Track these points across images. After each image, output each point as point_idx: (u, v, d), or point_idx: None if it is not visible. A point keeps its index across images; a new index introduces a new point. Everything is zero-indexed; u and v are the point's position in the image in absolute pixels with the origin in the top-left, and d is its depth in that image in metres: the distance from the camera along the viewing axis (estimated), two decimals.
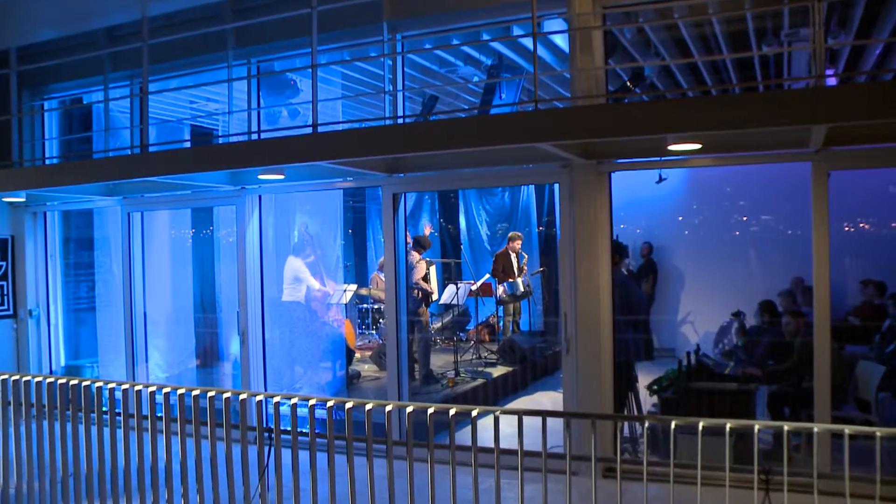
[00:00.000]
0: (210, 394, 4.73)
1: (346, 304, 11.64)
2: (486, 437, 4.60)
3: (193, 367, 10.04)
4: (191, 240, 10.22)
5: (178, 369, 9.64)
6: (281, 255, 9.90)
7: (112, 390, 4.97)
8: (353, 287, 10.59)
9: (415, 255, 9.12)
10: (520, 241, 11.87)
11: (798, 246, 10.48)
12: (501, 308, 12.04)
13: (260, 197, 7.75)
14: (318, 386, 8.17)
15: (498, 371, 9.85)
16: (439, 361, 10.25)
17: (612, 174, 6.15)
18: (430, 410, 4.42)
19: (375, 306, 12.21)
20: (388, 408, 4.52)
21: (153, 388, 4.85)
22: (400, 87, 6.74)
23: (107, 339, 9.26)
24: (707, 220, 10.68)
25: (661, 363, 8.29)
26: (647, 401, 7.06)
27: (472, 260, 13.34)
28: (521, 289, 11.15)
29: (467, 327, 12.73)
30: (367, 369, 10.27)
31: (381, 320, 12.18)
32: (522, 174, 6.63)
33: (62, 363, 9.60)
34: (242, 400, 4.75)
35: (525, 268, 11.84)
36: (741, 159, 5.89)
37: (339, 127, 6.58)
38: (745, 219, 10.21)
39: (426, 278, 9.24)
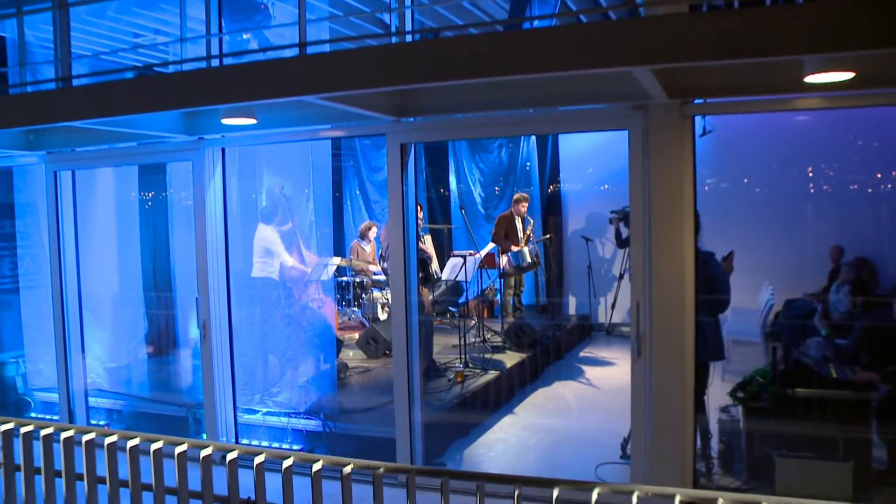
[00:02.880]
0: (155, 446, 3.13)
1: (331, 282, 10.05)
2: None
3: (145, 356, 8.38)
4: (139, 205, 8.49)
5: (126, 359, 7.98)
6: (249, 222, 8.34)
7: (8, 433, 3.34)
8: (337, 260, 8.96)
9: None
10: (525, 204, 10.34)
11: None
12: (499, 280, 10.51)
13: (223, 150, 6.07)
14: (301, 388, 6.59)
15: (509, 358, 8.35)
16: (435, 347, 8.73)
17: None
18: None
19: (357, 279, 10.60)
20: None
21: (69, 433, 3.24)
22: None
23: (34, 326, 7.55)
24: (760, 178, 9.26)
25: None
26: (713, 411, 5.61)
27: (464, 226, 11.76)
28: (528, 259, 9.62)
29: (459, 301, 11.20)
30: (353, 357, 8.70)
31: (363, 296, 10.58)
32: (575, 119, 5.03)
33: None
34: (206, 457, 3.17)
35: (531, 234, 10.32)
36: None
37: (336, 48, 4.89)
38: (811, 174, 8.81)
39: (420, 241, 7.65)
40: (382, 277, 10.61)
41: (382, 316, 10.26)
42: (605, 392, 7.98)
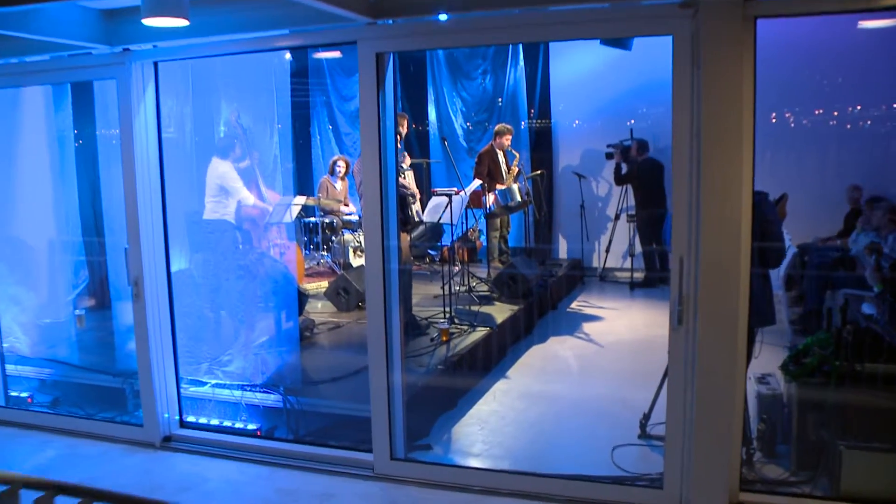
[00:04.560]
0: None
1: (295, 225, 8.95)
2: None
3: (81, 311, 7.29)
4: (58, 133, 7.28)
5: (51, 318, 6.89)
6: (204, 156, 7.26)
7: None
8: (302, 199, 7.84)
9: None
10: (509, 137, 9.25)
11: None
12: (484, 220, 9.48)
13: (155, 65, 4.90)
14: (256, 355, 5.54)
15: (498, 311, 7.37)
16: (414, 297, 7.73)
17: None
18: None
19: (326, 220, 9.52)
20: None
21: None
22: None
23: None
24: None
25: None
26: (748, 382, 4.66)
27: (446, 160, 10.66)
28: (518, 197, 8.57)
29: (440, 244, 10.17)
30: (322, 309, 7.67)
31: (333, 239, 9.51)
32: (600, 20, 3.90)
33: None
34: None
35: (519, 169, 9.25)
36: None
37: None
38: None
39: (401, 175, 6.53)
40: (354, 218, 9.54)
41: (355, 262, 9.22)
42: (608, 350, 7.05)
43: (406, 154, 6.23)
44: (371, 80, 4.07)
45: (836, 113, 8.62)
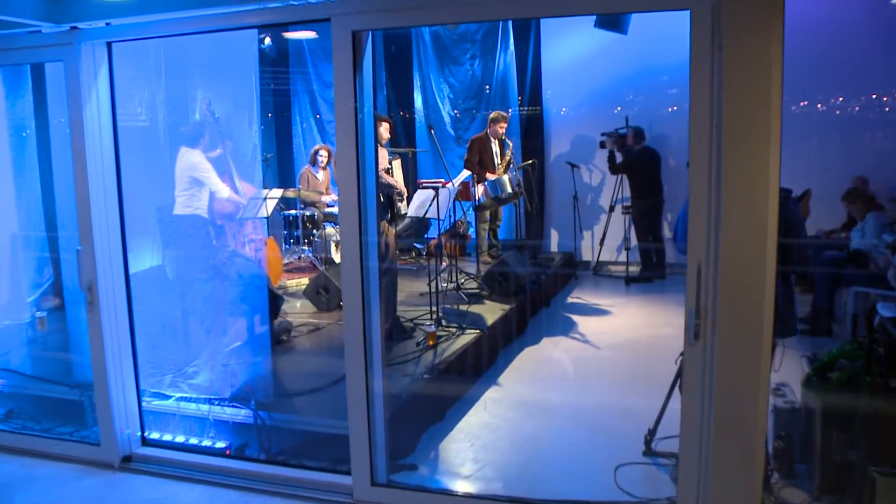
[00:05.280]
0: None
1: (274, 218, 8.50)
2: None
3: (43, 313, 6.80)
4: (18, 121, 6.80)
5: (11, 319, 6.41)
6: (178, 146, 6.82)
7: None
8: (279, 192, 7.36)
9: None
10: (504, 125, 8.79)
11: None
12: (473, 212, 9.03)
13: (109, 46, 4.41)
14: (224, 368, 5.08)
15: (489, 310, 6.93)
16: (399, 295, 7.29)
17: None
18: None
19: (307, 212, 9.05)
20: None
21: None
22: None
23: None
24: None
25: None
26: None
27: (433, 149, 10.19)
28: (509, 188, 8.12)
29: (426, 237, 9.73)
30: (301, 309, 7.21)
31: (315, 231, 9.05)
32: None
33: None
34: None
35: (512, 160, 8.81)
36: None
37: None
38: None
39: (387, 172, 6.04)
40: (336, 210, 9.06)
41: (337, 257, 8.75)
42: (605, 353, 6.63)
43: (386, 152, 5.75)
44: (346, 62, 3.59)
45: (840, 99, 8.25)
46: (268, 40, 10.17)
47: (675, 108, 9.63)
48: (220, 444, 4.63)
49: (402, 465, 4.46)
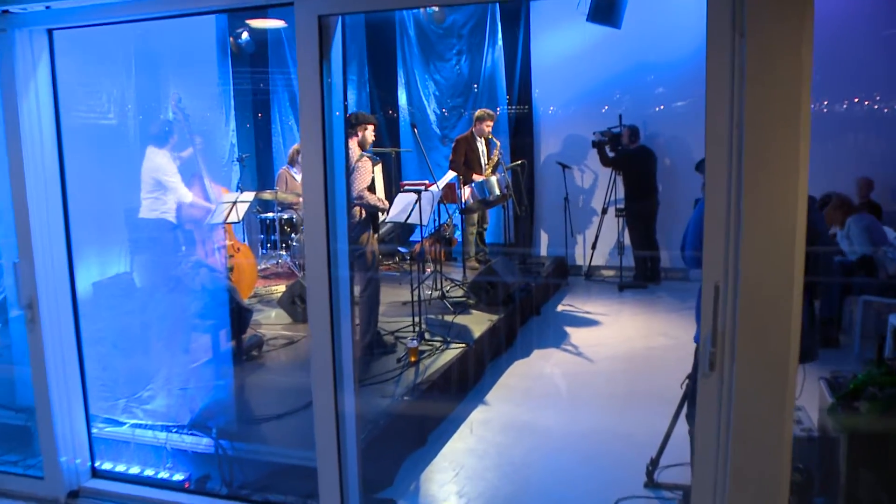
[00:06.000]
0: None
1: (248, 222, 8.04)
2: None
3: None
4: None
5: None
6: (146, 144, 6.46)
7: None
8: (250, 196, 6.89)
9: (351, 148, 5.47)
10: (490, 123, 8.36)
11: None
12: (459, 215, 8.59)
13: (50, 34, 3.94)
14: (183, 392, 4.62)
15: (475, 321, 6.51)
16: (381, 305, 6.85)
17: None
18: None
19: (285, 215, 8.60)
20: None
21: None
22: None
23: None
24: None
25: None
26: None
27: (417, 149, 9.75)
28: (497, 190, 7.69)
29: (410, 240, 9.29)
30: (276, 319, 6.76)
31: (294, 235, 8.60)
32: None
33: None
34: None
35: (499, 159, 8.38)
36: None
37: None
38: None
39: (372, 187, 5.60)
40: None
41: None
42: (600, 367, 6.21)
43: (368, 158, 5.26)
44: (312, 51, 3.14)
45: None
46: (245, 35, 9.72)
47: (662, 107, 9.25)
48: (178, 477, 4.17)
49: (379, 500, 4.03)
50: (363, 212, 5.40)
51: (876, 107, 8.14)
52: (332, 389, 3.55)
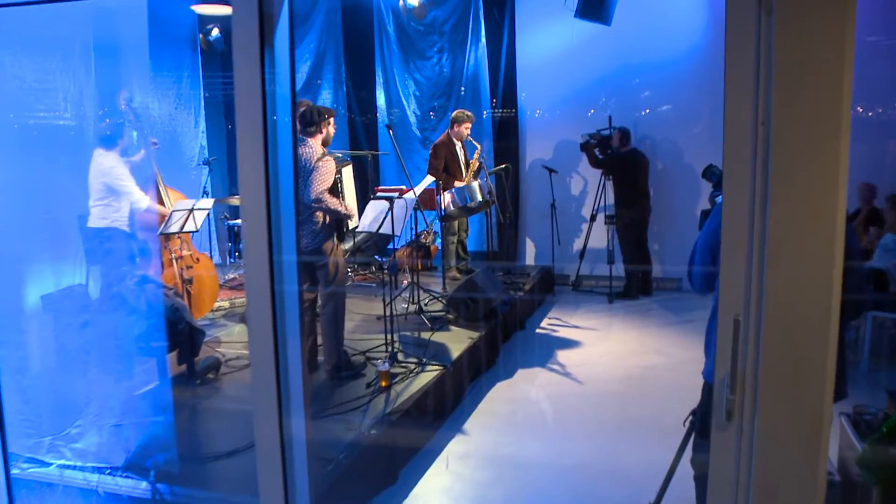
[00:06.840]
0: None
1: (209, 232, 7.52)
2: None
3: None
4: None
5: None
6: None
7: None
8: (209, 203, 6.35)
9: (313, 147, 4.94)
10: (469, 125, 7.85)
11: None
12: (439, 223, 8.07)
13: None
14: (118, 428, 4.08)
15: (454, 339, 6.01)
16: (351, 319, 6.37)
17: None
18: None
19: None
20: None
21: None
22: None
23: None
24: None
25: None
26: None
27: (394, 153, 9.23)
28: (479, 197, 7.20)
29: (389, 248, 8.77)
30: (239, 335, 6.23)
31: None
32: None
33: None
34: None
35: (481, 163, 7.88)
36: None
37: None
38: None
39: (336, 190, 5.07)
40: None
41: None
42: (589, 389, 5.72)
43: (332, 158, 4.74)
44: (250, 36, 2.62)
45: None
46: (216, 31, 9.20)
47: (647, 111, 8.80)
48: None
49: None
50: (326, 217, 4.89)
51: (873, 113, 7.74)
52: (278, 422, 3.02)
